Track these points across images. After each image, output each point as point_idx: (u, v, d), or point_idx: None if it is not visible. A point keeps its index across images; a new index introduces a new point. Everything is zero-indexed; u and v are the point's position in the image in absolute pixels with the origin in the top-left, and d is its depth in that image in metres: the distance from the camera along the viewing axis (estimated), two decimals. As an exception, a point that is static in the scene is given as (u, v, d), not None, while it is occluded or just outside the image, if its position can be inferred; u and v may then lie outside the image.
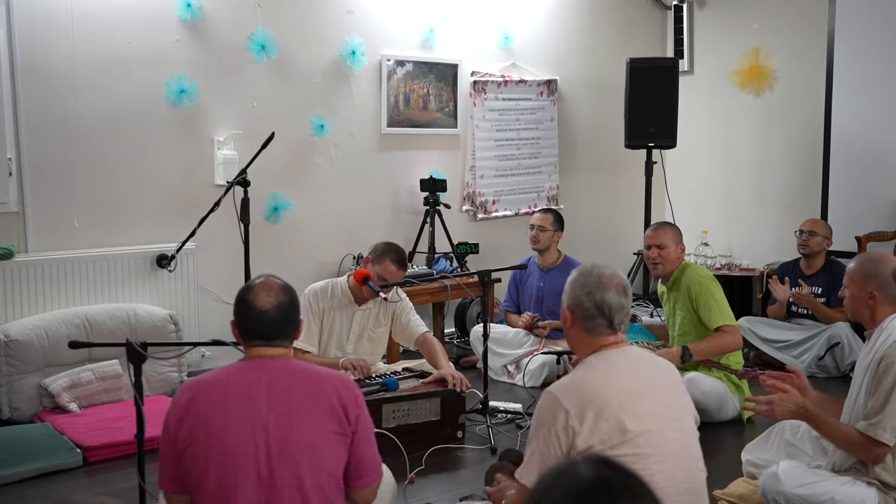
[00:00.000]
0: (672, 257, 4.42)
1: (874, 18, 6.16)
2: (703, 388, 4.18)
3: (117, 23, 4.87)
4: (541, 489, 1.34)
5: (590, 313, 2.34)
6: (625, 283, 2.40)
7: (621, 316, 2.36)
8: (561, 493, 1.30)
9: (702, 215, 7.17)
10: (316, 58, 5.63)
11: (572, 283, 2.41)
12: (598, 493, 1.29)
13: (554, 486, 1.32)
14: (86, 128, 4.82)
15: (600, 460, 1.36)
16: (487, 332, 4.24)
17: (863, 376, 2.86)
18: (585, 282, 2.37)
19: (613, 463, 1.36)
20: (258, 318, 2.32)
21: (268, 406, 2.24)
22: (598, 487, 1.29)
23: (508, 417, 4.39)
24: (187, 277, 5.11)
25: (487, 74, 6.44)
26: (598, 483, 1.30)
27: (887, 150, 6.11)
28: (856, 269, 2.93)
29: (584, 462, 1.35)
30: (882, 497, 2.75)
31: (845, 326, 5.14)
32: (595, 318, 2.35)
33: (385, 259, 4.17)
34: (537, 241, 5.36)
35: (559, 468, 1.35)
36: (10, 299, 4.55)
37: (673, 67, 6.47)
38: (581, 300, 2.36)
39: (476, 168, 6.41)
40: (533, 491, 1.35)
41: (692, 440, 2.37)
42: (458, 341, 6.09)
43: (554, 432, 2.21)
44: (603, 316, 2.34)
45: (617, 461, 1.38)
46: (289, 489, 2.21)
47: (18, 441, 3.92)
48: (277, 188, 5.46)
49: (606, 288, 2.35)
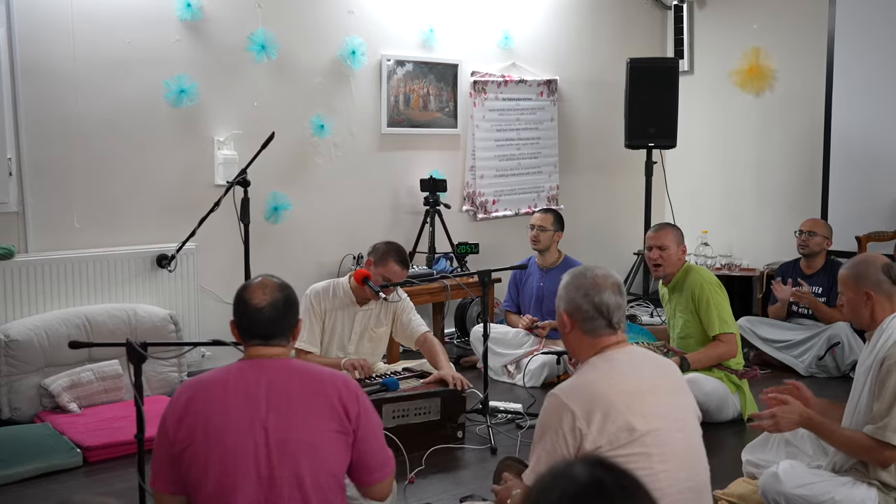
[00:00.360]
0: (673, 259, 4.43)
1: (874, 18, 6.16)
2: (704, 389, 4.18)
3: (117, 23, 4.87)
4: (538, 491, 1.34)
5: (589, 315, 2.35)
6: (619, 282, 2.42)
7: (619, 315, 2.37)
8: (557, 495, 1.31)
9: (702, 215, 7.17)
10: (316, 58, 5.63)
11: (566, 287, 2.41)
12: (594, 495, 1.30)
13: (551, 488, 1.32)
14: (86, 128, 4.82)
15: (596, 461, 1.36)
16: (487, 332, 4.24)
17: (864, 378, 2.86)
18: (580, 284, 2.38)
19: (609, 464, 1.36)
20: (254, 315, 2.33)
21: (267, 406, 2.24)
22: (594, 489, 1.30)
23: (508, 417, 4.38)
24: (187, 277, 5.11)
25: (487, 74, 6.44)
26: (594, 485, 1.31)
27: (887, 150, 6.11)
28: (847, 275, 2.96)
29: (580, 463, 1.35)
30: (882, 497, 2.75)
31: (845, 326, 5.14)
32: (595, 320, 2.35)
33: (388, 260, 4.17)
34: (538, 241, 5.36)
35: (556, 470, 1.36)
36: (10, 299, 4.55)
37: (673, 67, 6.47)
38: (578, 303, 2.36)
39: (476, 168, 6.41)
40: (530, 492, 1.36)
41: (696, 439, 2.38)
42: (458, 341, 6.09)
43: (561, 434, 2.21)
44: (602, 316, 2.35)
45: (613, 462, 1.38)
46: (288, 489, 2.20)
47: (18, 441, 3.92)
48: (277, 188, 5.46)
49: (602, 288, 2.36)
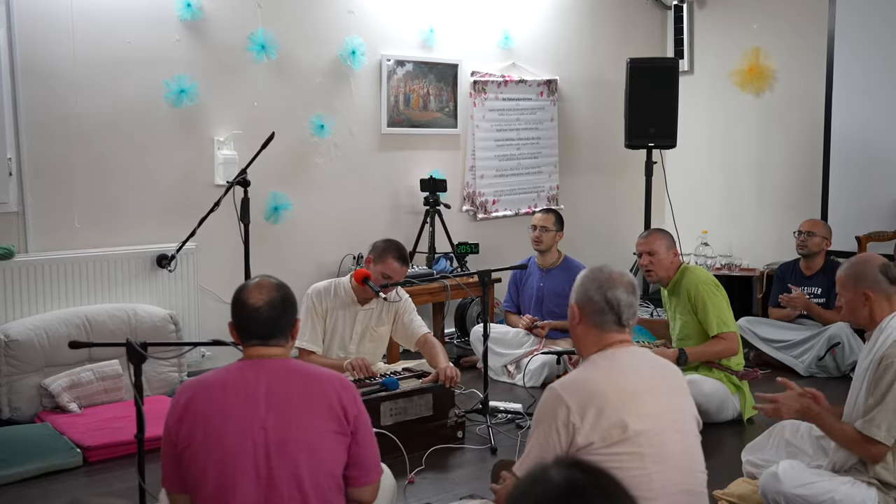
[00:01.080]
0: (664, 263, 4.43)
1: (874, 18, 6.16)
2: (704, 389, 4.18)
3: (117, 23, 4.87)
4: (515, 497, 1.34)
5: (599, 307, 2.38)
6: (634, 282, 2.45)
7: (629, 313, 2.39)
8: (532, 500, 1.30)
9: (702, 215, 7.17)
10: (316, 58, 5.63)
11: (582, 279, 2.45)
12: (571, 498, 1.29)
13: (527, 493, 1.32)
14: (86, 128, 4.82)
15: (572, 463, 1.36)
16: (487, 332, 4.24)
17: (863, 377, 2.87)
18: (596, 277, 2.41)
19: (586, 464, 1.36)
20: (251, 315, 2.34)
21: (266, 406, 2.24)
22: (570, 492, 1.30)
23: (508, 417, 4.39)
24: (187, 277, 5.11)
25: (487, 74, 6.44)
26: (570, 487, 1.30)
27: (887, 150, 6.11)
28: (845, 276, 2.96)
29: (556, 466, 1.34)
30: (882, 497, 2.75)
31: (845, 326, 5.13)
32: (604, 314, 2.38)
33: (387, 257, 4.17)
34: (540, 241, 5.35)
35: (532, 474, 1.35)
36: (10, 299, 4.55)
37: (673, 67, 6.46)
38: (591, 295, 2.39)
39: (476, 168, 6.41)
40: (508, 498, 1.35)
41: (693, 442, 2.38)
42: (458, 341, 6.09)
43: (555, 428, 2.23)
44: (612, 311, 2.37)
45: (589, 462, 1.38)
46: (287, 488, 2.21)
47: (18, 441, 3.92)
48: (277, 188, 5.46)
49: (617, 284, 2.39)
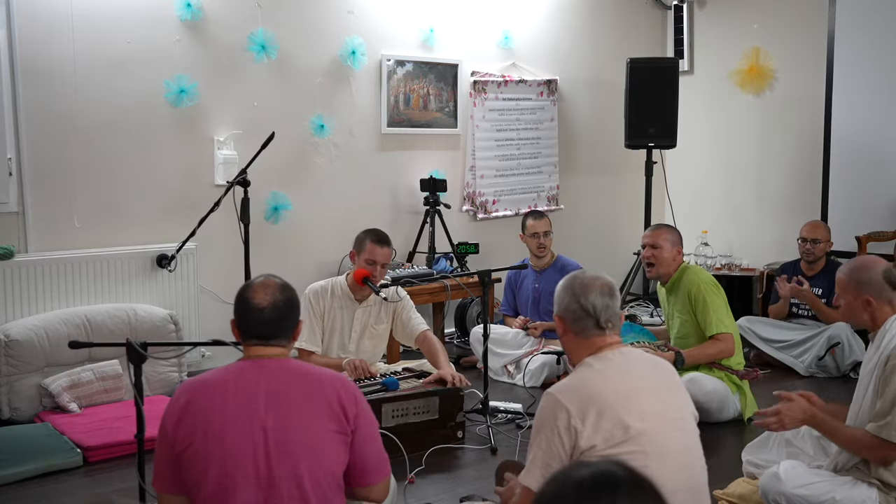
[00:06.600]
0: (667, 259, 4.41)
1: (874, 19, 6.16)
2: (705, 388, 4.18)
3: (117, 23, 4.87)
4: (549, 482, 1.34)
5: (577, 315, 2.40)
6: (609, 283, 2.46)
7: (608, 315, 2.40)
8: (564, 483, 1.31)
9: (702, 215, 7.17)
10: (316, 58, 5.63)
11: (559, 290, 2.48)
12: (603, 484, 1.30)
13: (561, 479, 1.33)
14: (86, 128, 4.82)
15: (611, 462, 1.37)
16: (487, 333, 4.23)
17: (869, 378, 2.85)
18: (570, 286, 2.45)
19: (624, 464, 1.37)
20: (255, 315, 2.33)
21: (266, 406, 2.23)
22: (603, 478, 1.30)
23: (508, 417, 4.38)
24: (187, 277, 5.11)
25: (487, 74, 6.44)
26: (602, 474, 1.31)
27: (887, 150, 6.11)
28: (847, 281, 2.93)
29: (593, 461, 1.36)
30: (883, 497, 2.75)
31: (845, 326, 5.13)
32: (582, 320, 2.40)
33: (366, 243, 4.15)
34: (544, 247, 5.34)
35: (563, 469, 1.36)
36: (10, 299, 4.55)
37: (673, 67, 6.47)
38: (568, 304, 2.43)
39: (476, 168, 6.40)
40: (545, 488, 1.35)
41: (693, 439, 2.39)
42: (458, 341, 6.09)
43: (556, 433, 2.23)
44: (589, 316, 2.39)
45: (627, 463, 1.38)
46: (287, 489, 2.20)
47: (18, 441, 3.92)
48: (277, 188, 5.46)
49: (590, 289, 2.41)
